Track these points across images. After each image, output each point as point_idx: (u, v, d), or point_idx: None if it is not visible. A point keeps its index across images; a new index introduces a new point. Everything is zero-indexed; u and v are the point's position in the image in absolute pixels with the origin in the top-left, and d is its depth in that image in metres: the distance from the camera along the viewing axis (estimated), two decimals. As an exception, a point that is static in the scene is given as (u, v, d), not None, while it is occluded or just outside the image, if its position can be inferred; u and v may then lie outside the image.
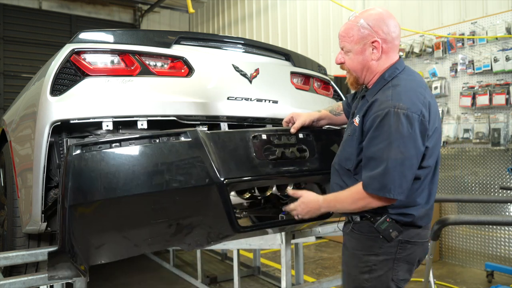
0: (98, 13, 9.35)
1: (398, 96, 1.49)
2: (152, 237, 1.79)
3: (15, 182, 2.07)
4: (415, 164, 1.48)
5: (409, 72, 1.65)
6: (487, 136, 4.10)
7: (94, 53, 1.86)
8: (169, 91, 1.97)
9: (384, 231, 1.56)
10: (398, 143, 1.44)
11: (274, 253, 4.85)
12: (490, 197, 4.02)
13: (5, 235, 2.30)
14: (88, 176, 1.56)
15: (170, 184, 1.64)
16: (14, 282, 1.85)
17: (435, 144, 1.57)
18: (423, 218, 1.61)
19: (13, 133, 2.20)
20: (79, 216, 1.59)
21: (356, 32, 1.60)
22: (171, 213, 1.74)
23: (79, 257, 1.68)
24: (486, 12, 4.23)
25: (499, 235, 4.09)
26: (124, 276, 4.07)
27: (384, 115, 1.47)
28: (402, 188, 1.47)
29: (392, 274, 1.58)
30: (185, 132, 1.74)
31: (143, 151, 1.63)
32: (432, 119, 1.53)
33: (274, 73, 2.38)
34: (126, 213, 1.68)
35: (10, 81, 8.18)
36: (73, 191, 1.54)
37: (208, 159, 1.72)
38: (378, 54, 1.59)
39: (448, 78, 4.53)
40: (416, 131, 1.45)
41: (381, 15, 1.59)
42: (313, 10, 6.53)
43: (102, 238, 1.72)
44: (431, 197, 1.62)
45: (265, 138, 1.93)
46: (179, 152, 1.70)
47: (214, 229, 1.90)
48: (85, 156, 1.57)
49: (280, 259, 2.68)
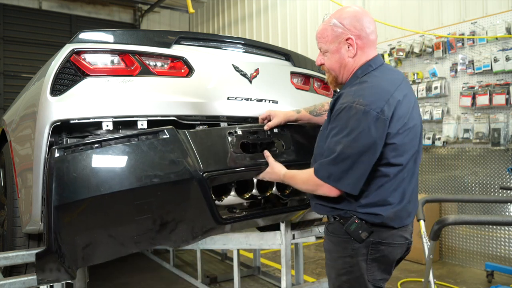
0: (98, 13, 9.35)
1: (360, 92, 1.52)
2: (137, 234, 1.83)
3: (15, 182, 2.07)
4: (367, 160, 1.47)
5: (383, 69, 1.64)
6: (487, 136, 4.10)
7: (94, 53, 1.86)
8: (169, 91, 1.97)
9: (353, 232, 1.55)
10: (351, 137, 1.46)
11: (274, 253, 4.85)
12: (490, 197, 4.02)
13: (5, 235, 2.30)
14: (71, 177, 1.61)
15: (151, 180, 1.70)
16: (14, 282, 1.85)
17: (408, 142, 1.54)
18: (395, 220, 1.55)
19: (13, 133, 2.20)
20: (64, 216, 1.62)
21: (330, 32, 1.63)
22: (155, 208, 1.78)
23: (66, 258, 1.70)
24: (486, 12, 4.23)
25: (499, 235, 4.09)
26: (124, 276, 4.07)
27: (342, 109, 1.51)
28: (348, 181, 1.48)
29: (367, 275, 1.56)
30: (163, 130, 1.80)
31: (123, 150, 1.70)
32: (401, 116, 1.51)
33: (274, 73, 2.38)
34: (110, 211, 1.72)
35: (10, 81, 8.17)
36: (57, 192, 1.59)
37: (186, 155, 1.80)
38: (353, 50, 1.61)
39: (448, 78, 4.53)
40: (371, 127, 1.45)
41: (353, 12, 1.62)
42: (313, 10, 6.53)
43: (88, 237, 1.74)
44: (405, 197, 1.57)
45: (240, 133, 2.01)
46: (158, 149, 1.76)
47: (197, 223, 1.95)
48: (67, 158, 1.62)
49: (280, 259, 2.68)
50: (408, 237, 1.63)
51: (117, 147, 1.69)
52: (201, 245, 3.52)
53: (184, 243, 2.09)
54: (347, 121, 1.48)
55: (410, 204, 1.61)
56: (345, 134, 1.47)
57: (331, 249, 1.65)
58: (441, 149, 4.61)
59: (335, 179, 1.50)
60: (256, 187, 2.17)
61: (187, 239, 2.04)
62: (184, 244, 2.09)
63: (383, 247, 1.56)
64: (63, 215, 1.61)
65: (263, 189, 2.21)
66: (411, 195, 1.60)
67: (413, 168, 1.60)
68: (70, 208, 1.63)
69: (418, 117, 1.63)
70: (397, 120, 1.50)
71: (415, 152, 1.60)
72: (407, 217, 1.60)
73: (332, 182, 1.51)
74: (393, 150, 1.51)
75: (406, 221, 1.60)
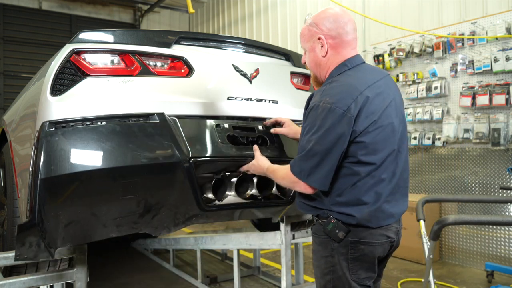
0: (98, 13, 9.35)
1: (328, 91, 1.55)
2: (120, 216, 1.87)
3: (15, 182, 2.07)
4: (334, 156, 1.49)
5: (360, 68, 1.65)
6: (487, 136, 4.10)
7: (94, 53, 1.86)
8: (169, 91, 1.97)
9: (330, 232, 1.56)
10: (318, 134, 1.50)
11: (274, 253, 4.85)
12: (490, 197, 4.02)
13: (5, 235, 2.30)
14: (60, 151, 1.65)
15: (139, 160, 1.75)
16: (14, 282, 1.86)
17: (381, 140, 1.53)
18: (371, 220, 1.54)
19: (13, 133, 2.21)
20: (50, 189, 1.65)
21: (307, 32, 1.70)
22: (140, 189, 1.82)
23: (47, 234, 1.72)
24: (486, 12, 4.23)
25: (499, 235, 4.09)
26: (124, 276, 4.07)
27: (311, 108, 1.56)
28: (316, 176, 1.52)
29: (350, 274, 1.56)
30: (153, 114, 1.86)
31: (113, 130, 1.74)
32: (370, 113, 1.50)
33: (274, 73, 2.38)
34: (96, 188, 1.75)
35: (10, 81, 8.18)
36: (45, 165, 1.62)
37: (175, 139, 1.86)
38: (325, 49, 1.65)
39: (448, 78, 4.53)
40: (336, 125, 1.47)
41: (329, 13, 1.65)
42: (313, 10, 6.53)
43: (72, 213, 1.76)
44: (381, 197, 1.55)
45: (227, 127, 2.07)
46: (147, 132, 1.81)
47: (181, 209, 1.99)
48: (57, 133, 1.66)
49: (280, 259, 2.68)
50: (391, 236, 1.61)
51: (107, 126, 1.74)
52: (201, 245, 3.53)
53: (166, 230, 2.14)
54: (315, 119, 1.52)
55: (390, 204, 1.58)
56: (314, 131, 1.52)
57: (315, 249, 1.67)
58: (441, 149, 4.61)
59: (305, 175, 1.54)
60: (256, 186, 2.18)
61: (168, 225, 2.08)
62: (165, 231, 2.14)
63: (362, 246, 1.56)
64: (49, 188, 1.64)
65: (263, 188, 2.22)
66: (390, 196, 1.57)
67: (393, 168, 1.58)
68: (57, 182, 1.65)
69: (397, 116, 1.61)
70: (366, 117, 1.50)
71: (394, 152, 1.57)
72: (386, 217, 1.57)
73: (303, 178, 1.55)
74: (362, 148, 1.51)
75: (385, 221, 1.57)
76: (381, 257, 1.63)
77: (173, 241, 4.00)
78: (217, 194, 2.11)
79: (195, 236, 3.64)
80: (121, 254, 4.85)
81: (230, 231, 4.22)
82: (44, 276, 1.96)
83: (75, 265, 2.04)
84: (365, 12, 5.44)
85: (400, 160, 1.61)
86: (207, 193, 2.10)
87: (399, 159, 1.61)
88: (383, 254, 1.63)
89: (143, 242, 4.74)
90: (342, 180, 1.54)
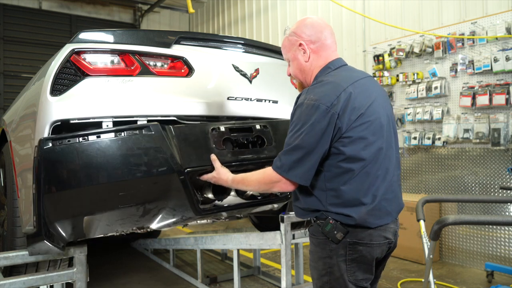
0: (98, 13, 9.35)
1: (314, 89, 1.58)
2: (122, 218, 1.94)
3: (15, 182, 2.07)
4: (317, 151, 1.50)
5: (343, 69, 1.68)
6: (487, 136, 4.10)
7: (94, 53, 1.86)
8: (169, 91, 1.97)
9: (328, 233, 1.55)
10: (303, 130, 1.51)
11: (274, 253, 4.85)
12: (490, 197, 4.02)
13: (5, 235, 2.30)
14: (59, 168, 1.68)
15: (135, 174, 1.77)
16: (14, 282, 1.86)
17: (369, 135, 1.53)
18: (369, 219, 1.53)
19: (13, 133, 2.21)
20: (52, 204, 1.71)
21: (287, 42, 1.75)
22: (137, 199, 1.87)
23: (55, 237, 1.80)
24: (486, 12, 4.23)
25: (499, 235, 4.09)
26: (124, 276, 4.07)
27: (297, 106, 1.59)
28: (298, 171, 1.52)
29: (348, 276, 1.55)
30: (148, 126, 1.85)
31: (109, 144, 1.76)
32: (355, 108, 1.51)
33: (274, 73, 2.38)
34: (96, 200, 1.80)
35: (10, 81, 8.17)
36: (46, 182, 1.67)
37: (169, 150, 1.86)
38: (307, 55, 1.69)
39: (448, 78, 4.53)
40: (320, 120, 1.49)
41: (305, 22, 1.71)
42: (313, 10, 6.53)
43: (75, 220, 1.84)
44: (378, 195, 1.55)
45: (223, 130, 2.05)
46: (142, 145, 1.82)
47: (178, 213, 2.04)
48: (54, 150, 1.69)
49: (280, 259, 2.68)
50: (389, 237, 1.61)
51: (103, 142, 1.75)
52: (201, 245, 3.53)
53: (166, 227, 2.20)
54: (300, 116, 1.55)
55: (387, 202, 1.58)
56: (298, 128, 1.54)
57: (312, 250, 1.67)
58: (441, 149, 4.61)
59: (285, 169, 1.54)
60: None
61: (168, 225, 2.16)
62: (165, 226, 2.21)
63: (361, 247, 1.55)
64: (52, 202, 1.70)
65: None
66: (386, 193, 1.58)
67: (386, 165, 1.58)
68: (59, 197, 1.71)
69: (385, 112, 1.62)
70: (351, 112, 1.51)
71: (384, 147, 1.58)
72: (384, 215, 1.57)
73: (283, 172, 1.54)
74: (350, 143, 1.51)
75: (383, 220, 1.57)
76: (379, 259, 1.63)
77: (173, 241, 4.01)
78: (217, 195, 2.11)
79: (195, 236, 3.64)
80: (121, 254, 4.85)
81: (230, 231, 4.23)
82: (44, 276, 1.96)
83: (75, 265, 2.04)
84: (365, 12, 5.44)
85: (392, 156, 1.62)
86: (207, 194, 2.10)
87: (391, 155, 1.61)
88: (381, 255, 1.63)
89: (143, 242, 4.74)
90: (336, 180, 1.53)
